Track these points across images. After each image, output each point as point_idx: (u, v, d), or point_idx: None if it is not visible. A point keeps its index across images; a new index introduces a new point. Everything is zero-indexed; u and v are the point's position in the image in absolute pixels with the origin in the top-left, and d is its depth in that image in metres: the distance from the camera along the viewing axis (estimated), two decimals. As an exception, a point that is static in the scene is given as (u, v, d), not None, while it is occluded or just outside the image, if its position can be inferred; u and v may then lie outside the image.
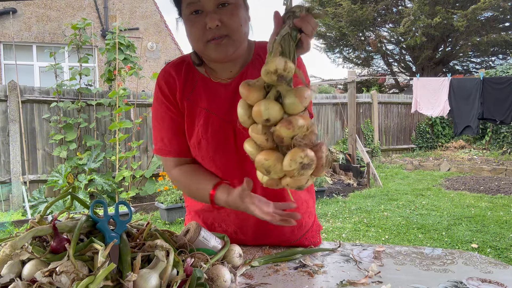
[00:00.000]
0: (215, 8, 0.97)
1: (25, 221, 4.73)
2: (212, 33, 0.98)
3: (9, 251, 0.74)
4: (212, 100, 1.10)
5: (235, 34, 0.99)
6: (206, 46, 1.00)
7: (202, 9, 0.97)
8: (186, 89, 1.11)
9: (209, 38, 0.98)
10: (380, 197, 5.98)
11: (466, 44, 13.70)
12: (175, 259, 0.82)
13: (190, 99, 1.11)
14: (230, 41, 1.00)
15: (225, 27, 0.98)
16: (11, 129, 5.64)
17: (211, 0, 0.96)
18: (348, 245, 1.22)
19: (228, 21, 0.97)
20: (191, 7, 0.98)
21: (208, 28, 0.97)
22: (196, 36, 1.00)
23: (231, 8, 0.98)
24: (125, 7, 10.20)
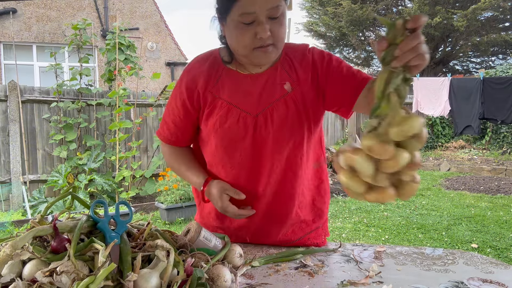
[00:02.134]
0: (267, 19, 1.01)
1: (25, 221, 4.73)
2: (261, 42, 1.02)
3: (10, 251, 0.74)
4: (235, 93, 1.13)
5: (280, 43, 1.05)
6: (252, 52, 1.04)
7: (255, 20, 1.00)
8: (210, 82, 1.14)
9: (257, 46, 1.03)
10: (380, 197, 5.98)
11: (466, 44, 13.70)
12: (176, 259, 0.82)
13: (212, 92, 1.14)
14: (275, 49, 1.05)
15: (273, 37, 1.03)
16: (11, 129, 5.64)
17: (264, 12, 0.99)
18: (348, 245, 1.22)
19: (276, 32, 1.02)
20: (244, 18, 1.00)
21: (258, 38, 1.01)
22: (245, 43, 1.03)
23: (280, 19, 1.02)
24: (125, 7, 10.19)
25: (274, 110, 1.11)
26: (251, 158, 1.14)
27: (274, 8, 0.99)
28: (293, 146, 1.15)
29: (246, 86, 1.13)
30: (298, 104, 1.13)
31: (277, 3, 0.99)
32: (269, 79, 1.13)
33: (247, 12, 0.99)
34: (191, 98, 1.16)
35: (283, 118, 1.11)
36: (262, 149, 1.13)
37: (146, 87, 8.61)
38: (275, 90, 1.12)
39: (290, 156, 1.15)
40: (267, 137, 1.12)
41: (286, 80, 1.13)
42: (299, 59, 1.15)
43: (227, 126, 1.12)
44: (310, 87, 1.14)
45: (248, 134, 1.12)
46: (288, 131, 1.12)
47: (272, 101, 1.12)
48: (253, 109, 1.12)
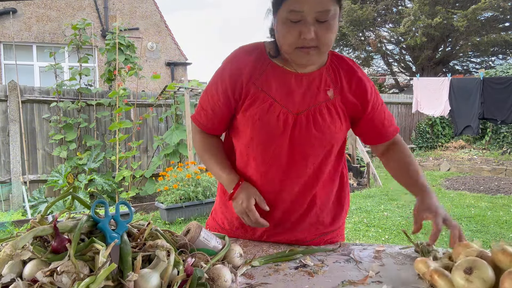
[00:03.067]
0: (314, 21, 1.00)
1: (25, 221, 4.73)
2: (305, 43, 1.02)
3: (10, 251, 0.75)
4: (279, 89, 1.13)
5: (324, 47, 1.04)
6: (294, 51, 1.05)
7: (301, 19, 1.00)
8: (254, 74, 1.14)
9: (300, 45, 1.03)
10: (380, 197, 5.99)
11: (466, 44, 13.70)
12: (176, 259, 0.82)
13: (256, 84, 1.13)
14: (318, 52, 1.05)
15: (317, 40, 1.02)
16: (11, 129, 5.64)
17: (312, 14, 0.99)
18: (348, 245, 1.22)
19: (322, 36, 1.02)
20: (291, 15, 1.01)
21: (302, 38, 1.01)
22: (289, 40, 1.03)
23: (328, 23, 1.02)
24: (125, 7, 10.20)
25: (316, 112, 1.12)
26: (285, 155, 1.15)
27: (323, 12, 0.99)
28: (328, 151, 1.17)
29: (290, 84, 1.13)
30: (340, 113, 1.15)
31: (327, 8, 0.99)
32: (314, 81, 1.14)
33: (295, 10, 1.00)
34: (233, 87, 1.14)
35: (324, 122, 1.12)
36: (298, 148, 1.14)
37: (146, 87, 8.61)
38: (318, 93, 1.13)
39: (323, 161, 1.18)
40: (305, 138, 1.13)
41: (330, 86, 1.14)
42: (346, 69, 1.17)
43: (266, 119, 1.12)
44: (351, 101, 1.16)
45: (286, 131, 1.12)
46: (327, 136, 1.14)
47: (315, 104, 1.13)
48: (295, 108, 1.12)
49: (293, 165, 1.16)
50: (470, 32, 12.97)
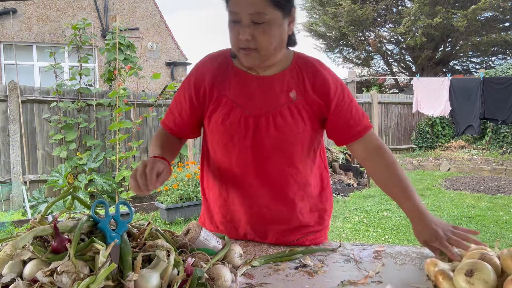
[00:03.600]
0: (249, 23, 1.03)
1: (25, 221, 4.73)
2: (243, 44, 1.06)
3: (10, 251, 0.75)
4: (240, 92, 1.16)
5: (263, 50, 1.07)
6: (238, 51, 1.09)
7: (239, 20, 1.04)
8: (217, 80, 1.18)
9: (240, 46, 1.07)
10: (380, 197, 5.99)
11: (466, 44, 13.70)
12: (176, 259, 0.83)
13: (219, 89, 1.17)
14: (258, 55, 1.08)
15: (255, 42, 1.05)
16: (11, 129, 5.64)
17: (247, 16, 1.03)
18: (348, 245, 1.22)
19: (259, 38, 1.04)
20: (231, 16, 1.06)
21: (239, 38, 1.05)
22: (232, 41, 1.08)
23: (264, 26, 1.04)
24: (125, 7, 10.20)
25: (278, 114, 1.13)
26: (251, 158, 1.16)
27: (256, 14, 1.02)
28: (296, 153, 1.17)
29: (252, 87, 1.16)
30: (303, 114, 1.15)
31: (258, 10, 1.01)
32: (276, 83, 1.15)
33: (233, 11, 1.04)
34: (198, 93, 1.19)
35: (286, 125, 1.13)
36: (262, 151, 1.15)
37: (146, 87, 8.61)
38: (280, 95, 1.14)
39: (293, 163, 1.18)
40: (267, 140, 1.14)
41: (293, 88, 1.15)
42: (310, 71, 1.17)
43: (228, 123, 1.14)
44: (316, 101, 1.15)
45: (248, 134, 1.14)
46: (291, 138, 1.14)
47: (276, 106, 1.14)
48: (256, 111, 1.14)
49: (261, 168, 1.17)
50: (470, 32, 12.96)
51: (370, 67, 17.14)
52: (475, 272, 0.77)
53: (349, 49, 16.31)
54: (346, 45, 15.93)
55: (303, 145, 1.18)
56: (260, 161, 1.16)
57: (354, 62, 16.79)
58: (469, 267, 0.78)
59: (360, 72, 17.03)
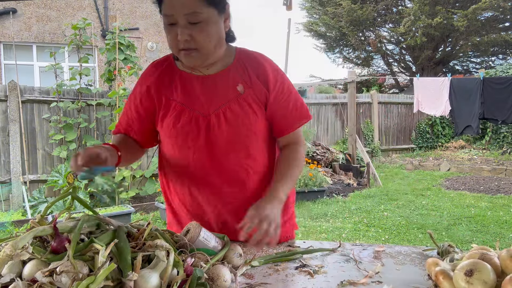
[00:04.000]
0: (186, 23, 1.05)
1: (25, 221, 4.73)
2: (182, 45, 1.07)
3: (10, 251, 0.75)
4: (188, 94, 1.18)
5: (203, 49, 1.08)
6: (178, 53, 1.10)
7: (175, 22, 1.06)
8: (163, 86, 1.20)
9: (180, 47, 1.08)
10: (380, 197, 5.99)
11: (466, 44, 13.70)
12: (176, 259, 0.82)
13: (166, 95, 1.19)
14: (198, 54, 1.09)
15: (194, 42, 1.06)
16: (11, 129, 5.64)
17: (182, 17, 1.04)
18: (348, 245, 1.22)
19: (197, 37, 1.06)
20: (167, 19, 1.07)
21: (178, 40, 1.06)
22: (171, 43, 1.10)
23: (201, 25, 1.05)
24: (125, 7, 10.20)
25: (227, 110, 1.15)
26: (206, 157, 1.17)
27: (192, 14, 1.03)
28: (251, 144, 1.19)
29: (199, 88, 1.17)
30: (253, 105, 1.17)
31: (193, 10, 1.03)
32: (222, 80, 1.17)
33: (167, 14, 1.06)
34: (143, 103, 1.22)
35: (237, 118, 1.15)
36: (216, 148, 1.17)
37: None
38: (227, 91, 1.16)
39: (250, 154, 1.19)
40: (220, 137, 1.16)
41: (239, 82, 1.17)
42: (253, 64, 1.19)
43: (179, 126, 1.17)
44: (263, 91, 1.18)
45: (201, 133, 1.16)
46: (244, 131, 1.16)
47: (225, 102, 1.16)
48: (205, 110, 1.16)
49: (218, 166, 1.18)
50: (470, 32, 12.96)
51: (370, 67, 17.13)
52: (474, 272, 0.77)
53: (349, 49, 16.31)
54: (346, 45, 15.93)
55: (258, 135, 1.20)
56: (217, 158, 1.18)
57: (354, 62, 16.79)
58: (469, 267, 0.78)
59: (360, 72, 17.03)
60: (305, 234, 4.29)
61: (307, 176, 5.99)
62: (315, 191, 5.96)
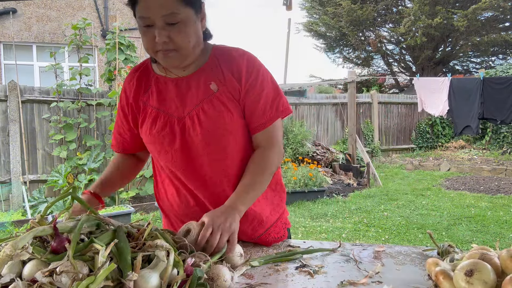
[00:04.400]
0: (164, 25, 1.02)
1: (25, 221, 4.73)
2: (160, 46, 1.04)
3: (10, 251, 0.74)
4: (163, 98, 1.16)
5: (182, 50, 1.06)
6: (156, 54, 1.08)
7: (152, 24, 1.03)
8: (140, 92, 1.20)
9: (158, 49, 1.06)
10: (380, 197, 5.99)
11: (466, 44, 13.70)
12: (176, 259, 0.82)
13: (143, 100, 1.19)
14: (177, 55, 1.07)
15: (173, 43, 1.04)
16: (11, 129, 5.64)
17: (160, 19, 1.02)
18: (348, 245, 1.22)
19: (175, 38, 1.04)
20: (142, 21, 1.04)
21: (156, 41, 1.04)
22: (147, 45, 1.07)
23: (179, 26, 1.03)
24: (125, 7, 10.18)
25: (201, 111, 1.12)
26: (185, 160, 1.15)
27: (169, 15, 1.01)
28: (229, 145, 1.15)
29: (173, 91, 1.16)
30: (227, 103, 1.13)
31: (171, 10, 1.01)
32: (195, 81, 1.15)
33: (144, 16, 1.03)
34: (126, 110, 1.24)
35: (211, 118, 1.12)
36: (193, 150, 1.14)
37: (146, 87, 8.61)
38: (200, 91, 1.14)
39: (227, 155, 1.15)
40: (195, 138, 1.13)
41: (212, 80, 1.14)
42: (227, 59, 1.16)
43: (155, 131, 1.16)
44: (236, 87, 1.14)
45: (177, 137, 1.14)
46: (220, 131, 1.12)
47: (198, 103, 1.13)
48: (179, 112, 1.14)
49: (199, 168, 1.15)
50: (470, 32, 12.96)
51: (370, 67, 17.14)
52: (475, 272, 0.76)
53: (349, 49, 16.32)
54: (346, 45, 15.94)
55: (236, 134, 1.15)
56: (194, 161, 1.15)
57: (354, 62, 16.80)
58: (469, 267, 0.78)
59: (360, 72, 17.03)
60: (305, 234, 4.29)
61: (307, 176, 5.99)
62: (315, 191, 5.96)
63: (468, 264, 0.79)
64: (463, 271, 0.78)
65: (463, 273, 0.78)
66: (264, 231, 1.24)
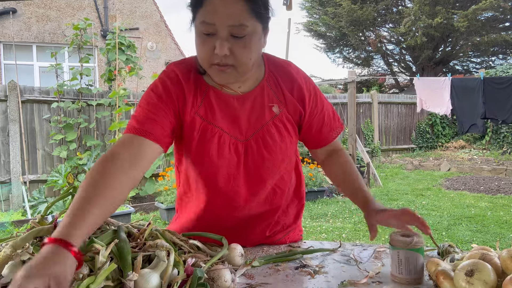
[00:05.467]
0: (228, 36, 0.91)
1: (25, 221, 4.73)
2: (218, 59, 0.93)
3: (10, 251, 0.74)
4: (225, 117, 1.05)
5: (241, 67, 0.95)
6: (210, 67, 0.97)
7: (215, 32, 0.92)
8: (196, 102, 1.04)
9: (214, 62, 0.94)
10: (380, 197, 5.98)
11: (466, 44, 13.71)
12: (176, 259, 0.82)
13: (200, 115, 1.04)
14: (234, 72, 0.96)
15: (233, 58, 0.94)
16: (11, 129, 5.64)
17: (225, 28, 0.90)
18: (348, 245, 1.22)
19: (238, 53, 0.93)
20: (204, 27, 0.92)
21: (216, 53, 0.92)
22: (203, 55, 0.95)
23: (244, 40, 0.93)
24: (125, 7, 10.20)
25: (265, 134, 1.07)
26: (244, 185, 1.10)
27: (237, 27, 0.90)
28: (285, 166, 1.15)
29: (233, 109, 1.05)
30: (288, 126, 1.09)
31: (240, 22, 0.90)
32: (256, 100, 1.07)
33: (207, 22, 0.91)
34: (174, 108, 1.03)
35: (274, 143, 1.07)
36: (255, 175, 1.10)
37: (146, 87, 8.61)
38: (263, 112, 1.07)
39: (282, 176, 1.16)
40: (260, 162, 1.08)
41: (274, 101, 1.08)
42: (285, 77, 1.10)
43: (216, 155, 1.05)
44: (297, 108, 1.10)
45: (240, 162, 1.07)
46: (281, 154, 1.10)
47: (262, 125, 1.06)
48: (243, 135, 1.06)
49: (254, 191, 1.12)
50: (470, 32, 12.97)
51: (370, 67, 17.15)
52: (475, 272, 0.76)
53: (349, 49, 16.32)
54: (346, 45, 15.94)
55: (291, 158, 1.16)
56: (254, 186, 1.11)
57: (354, 62, 16.80)
58: (469, 267, 0.78)
59: (360, 72, 17.04)
60: (305, 234, 4.29)
61: (307, 176, 5.99)
62: (315, 191, 5.96)
63: (469, 264, 0.79)
64: (464, 271, 0.78)
65: (464, 273, 0.78)
66: (283, 236, 1.25)
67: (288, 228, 1.26)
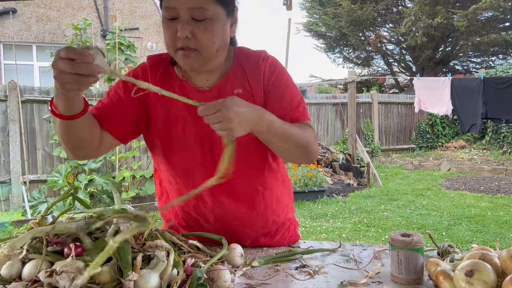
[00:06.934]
0: (189, 19, 0.94)
1: (25, 221, 4.73)
2: (181, 42, 0.96)
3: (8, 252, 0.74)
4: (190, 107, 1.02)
5: (204, 50, 0.97)
6: (175, 53, 0.99)
7: (177, 16, 0.95)
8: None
9: (178, 46, 0.97)
10: (380, 197, 5.98)
11: (466, 44, 13.70)
12: (175, 259, 0.82)
13: (166, 107, 1.08)
14: (198, 56, 0.98)
15: (195, 40, 0.96)
16: (11, 129, 5.64)
17: (186, 11, 0.94)
18: (348, 245, 1.22)
19: (199, 36, 0.95)
20: (167, 12, 0.96)
21: (178, 36, 0.95)
22: (168, 40, 0.98)
23: (206, 23, 0.95)
24: (125, 7, 10.20)
25: None
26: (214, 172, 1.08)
27: (197, 10, 0.93)
28: (259, 157, 1.12)
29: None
30: None
31: (200, 5, 0.93)
32: (221, 90, 1.07)
33: (169, 7, 0.95)
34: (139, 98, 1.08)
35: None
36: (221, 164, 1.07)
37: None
38: None
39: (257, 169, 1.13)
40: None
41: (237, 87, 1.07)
42: (251, 67, 1.09)
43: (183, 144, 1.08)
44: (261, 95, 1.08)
45: (205, 152, 1.08)
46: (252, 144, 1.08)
47: None
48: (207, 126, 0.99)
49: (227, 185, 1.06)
50: (470, 32, 12.96)
51: (370, 67, 17.14)
52: (475, 272, 0.76)
53: (349, 49, 16.32)
54: (346, 45, 15.94)
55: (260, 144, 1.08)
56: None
57: (354, 62, 16.80)
58: (469, 267, 0.78)
59: (360, 72, 17.04)
60: (305, 234, 4.29)
61: (307, 176, 5.99)
62: (315, 191, 5.96)
63: (468, 264, 0.79)
64: (463, 271, 0.78)
65: (463, 273, 0.77)
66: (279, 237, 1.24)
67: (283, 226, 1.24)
